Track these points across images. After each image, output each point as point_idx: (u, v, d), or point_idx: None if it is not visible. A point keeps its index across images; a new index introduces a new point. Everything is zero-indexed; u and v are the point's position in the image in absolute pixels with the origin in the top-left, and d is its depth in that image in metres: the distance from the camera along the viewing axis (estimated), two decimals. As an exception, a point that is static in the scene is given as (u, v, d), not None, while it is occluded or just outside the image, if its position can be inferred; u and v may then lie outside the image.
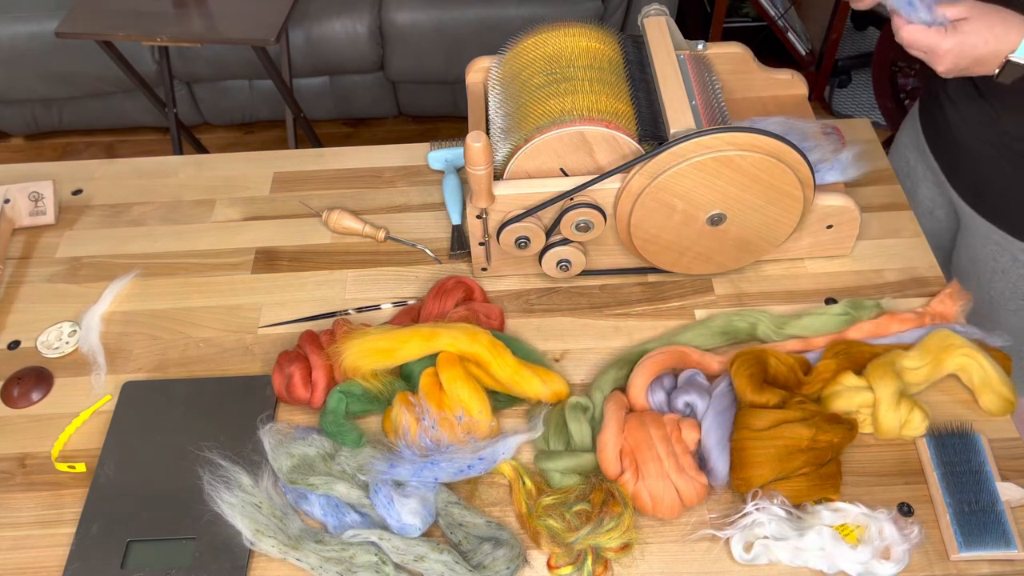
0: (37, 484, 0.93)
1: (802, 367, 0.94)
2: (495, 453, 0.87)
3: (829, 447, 0.84)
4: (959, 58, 0.89)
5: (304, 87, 2.65)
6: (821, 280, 1.08)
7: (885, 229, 1.13)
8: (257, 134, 2.89)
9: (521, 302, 1.08)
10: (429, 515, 0.85)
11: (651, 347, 0.98)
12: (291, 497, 0.88)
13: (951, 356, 0.92)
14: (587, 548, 0.82)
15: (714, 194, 0.95)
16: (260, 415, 0.95)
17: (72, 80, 2.57)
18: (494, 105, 1.09)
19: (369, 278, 1.12)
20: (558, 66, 1.03)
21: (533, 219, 1.00)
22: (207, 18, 1.96)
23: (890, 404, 0.88)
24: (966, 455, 0.87)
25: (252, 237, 1.19)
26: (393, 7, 2.48)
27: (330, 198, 1.23)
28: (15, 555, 0.87)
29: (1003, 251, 1.12)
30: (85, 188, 1.27)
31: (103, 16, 1.96)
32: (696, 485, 0.84)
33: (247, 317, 1.08)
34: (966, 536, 0.81)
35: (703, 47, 1.14)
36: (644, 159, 0.93)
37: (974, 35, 0.88)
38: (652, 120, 1.00)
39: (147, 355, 1.05)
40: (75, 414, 0.99)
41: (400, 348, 0.94)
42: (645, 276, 1.10)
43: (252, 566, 0.85)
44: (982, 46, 0.88)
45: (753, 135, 0.90)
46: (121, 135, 2.91)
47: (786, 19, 2.65)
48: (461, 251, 1.14)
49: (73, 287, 1.14)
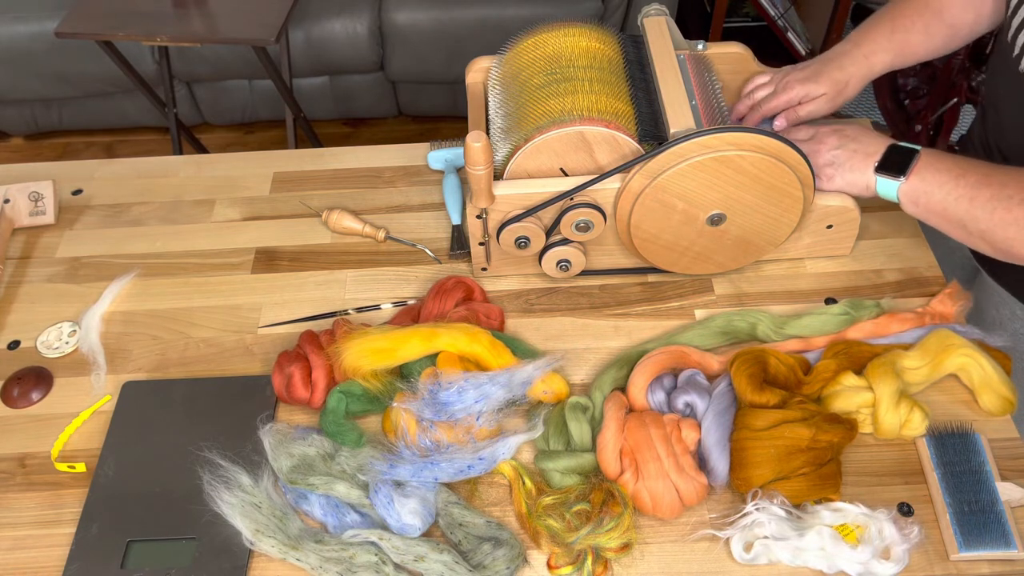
0: (37, 484, 0.93)
1: (802, 367, 0.94)
2: (495, 453, 0.87)
3: (829, 447, 0.84)
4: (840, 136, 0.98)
5: (304, 87, 2.65)
6: (821, 280, 1.08)
7: (885, 229, 1.13)
8: (257, 134, 2.89)
9: (521, 302, 1.08)
10: (429, 515, 0.85)
11: (651, 347, 0.98)
12: (291, 497, 0.88)
13: (951, 356, 0.92)
14: (587, 548, 0.82)
15: (714, 194, 0.95)
16: (260, 415, 0.95)
17: (72, 80, 2.57)
18: (494, 105, 1.09)
19: (369, 278, 1.12)
20: (558, 66, 1.03)
21: (533, 219, 1.00)
22: (207, 18, 1.96)
23: (890, 404, 0.88)
24: (966, 455, 0.87)
25: (252, 237, 1.19)
26: (393, 7, 2.48)
27: (330, 198, 1.23)
28: (15, 555, 0.87)
29: (1004, 303, 1.11)
30: (85, 188, 1.27)
31: (103, 16, 1.96)
32: (696, 485, 0.84)
33: (247, 317, 1.08)
34: (966, 536, 0.81)
35: (703, 47, 1.14)
36: (644, 159, 0.93)
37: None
38: (652, 120, 1.00)
39: (147, 355, 1.05)
40: (75, 414, 0.99)
41: (400, 348, 0.94)
42: (645, 276, 1.10)
43: (252, 566, 0.85)
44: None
45: (753, 135, 0.90)
46: (121, 135, 2.91)
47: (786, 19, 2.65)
48: (461, 251, 1.14)
49: (73, 287, 1.14)
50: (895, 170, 0.93)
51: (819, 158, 0.98)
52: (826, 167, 0.98)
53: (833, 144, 0.98)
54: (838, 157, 0.97)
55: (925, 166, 0.91)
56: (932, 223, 0.93)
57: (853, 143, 0.97)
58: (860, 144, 0.97)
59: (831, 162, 0.98)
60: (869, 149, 0.96)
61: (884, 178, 0.93)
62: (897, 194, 0.93)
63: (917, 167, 0.91)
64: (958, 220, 0.89)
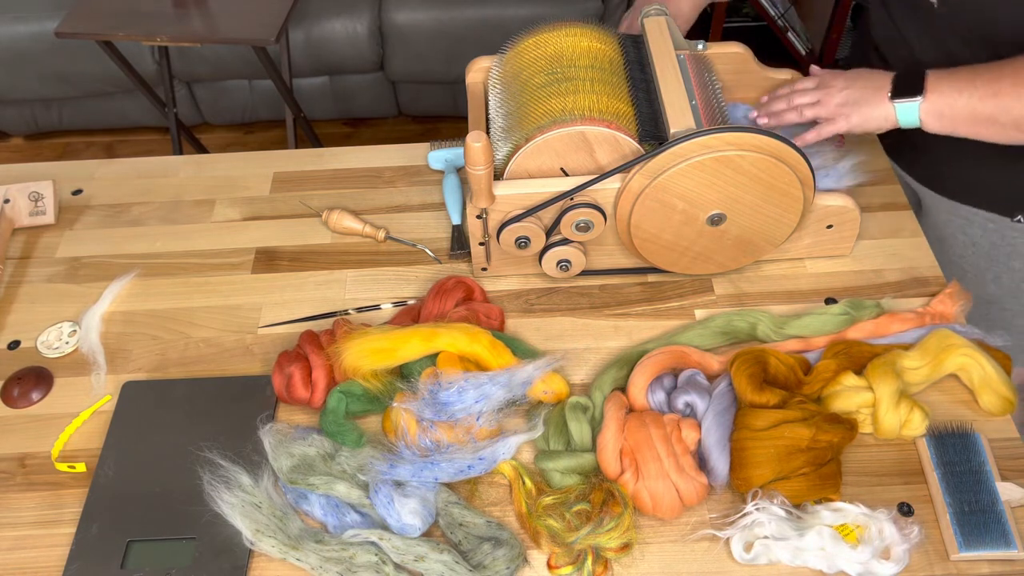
0: (37, 484, 0.93)
1: (802, 367, 0.94)
2: (495, 453, 0.87)
3: (829, 447, 0.84)
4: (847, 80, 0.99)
5: (304, 87, 2.65)
6: (821, 280, 1.08)
7: (885, 229, 1.13)
8: (257, 134, 2.89)
9: (521, 302, 1.08)
10: (429, 515, 0.85)
11: (651, 347, 0.98)
12: (291, 497, 0.88)
13: (951, 356, 0.92)
14: (587, 548, 0.82)
15: (714, 194, 0.95)
16: (260, 415, 0.95)
17: (72, 80, 2.57)
18: (494, 105, 1.09)
19: (369, 278, 1.12)
20: (558, 66, 1.03)
21: (533, 219, 1.00)
22: (207, 18, 1.96)
23: (890, 404, 0.88)
24: (966, 455, 0.87)
25: (252, 237, 1.19)
26: (393, 7, 2.48)
27: (330, 198, 1.23)
28: (15, 555, 0.87)
29: (971, 224, 1.14)
30: (85, 188, 1.27)
31: (103, 16, 1.96)
32: (696, 485, 0.84)
33: (247, 317, 1.08)
34: (966, 536, 0.81)
35: (703, 47, 1.14)
36: (644, 159, 0.93)
37: None
38: (652, 120, 1.00)
39: (147, 355, 1.05)
40: (75, 414, 0.99)
41: (400, 348, 0.94)
42: (645, 276, 1.10)
43: (252, 566, 0.85)
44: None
45: (753, 135, 0.90)
46: (121, 135, 2.91)
47: (786, 19, 2.65)
48: (461, 251, 1.14)
49: (73, 287, 1.14)
50: (910, 92, 0.94)
51: (831, 100, 1.00)
52: (841, 107, 0.99)
53: (841, 85, 1.00)
54: (850, 96, 0.99)
55: (936, 80, 0.93)
56: (961, 132, 0.94)
57: (860, 80, 0.99)
58: (867, 80, 0.99)
59: (844, 102, 0.99)
60: (877, 83, 0.97)
61: (903, 103, 0.95)
62: (919, 114, 0.95)
63: (929, 83, 0.93)
64: (988, 117, 0.91)
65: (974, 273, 1.20)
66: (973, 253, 1.18)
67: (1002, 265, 1.17)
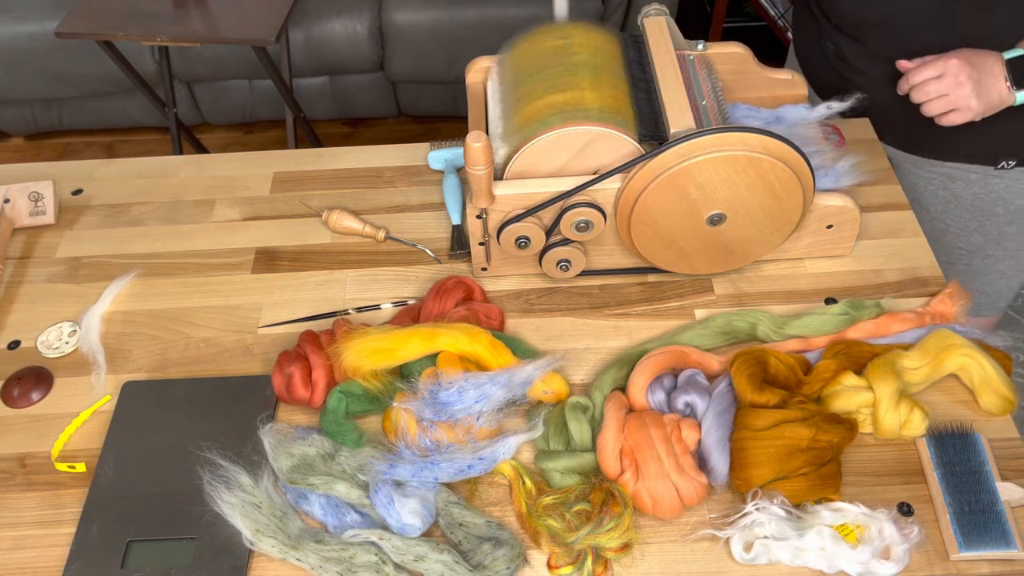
0: (37, 484, 0.93)
1: (802, 367, 0.94)
2: (495, 453, 0.87)
3: (829, 447, 0.84)
4: (964, 62, 1.01)
5: (304, 87, 2.65)
6: (821, 280, 1.08)
7: (885, 229, 1.13)
8: (257, 134, 2.89)
9: (521, 302, 1.08)
10: (429, 515, 0.85)
11: (651, 347, 0.98)
12: (291, 497, 0.88)
13: (951, 356, 0.92)
14: (587, 548, 0.82)
15: (727, 192, 0.95)
16: (260, 415, 0.95)
17: (72, 80, 2.57)
18: (494, 105, 1.09)
19: (369, 278, 1.12)
20: (558, 66, 1.03)
21: (533, 219, 1.00)
22: (207, 18, 1.96)
23: (890, 404, 0.88)
24: (966, 455, 0.87)
25: (252, 237, 1.19)
26: (393, 7, 2.48)
27: (330, 198, 1.23)
28: (15, 555, 0.87)
29: (952, 179, 1.18)
30: (85, 188, 1.27)
31: (103, 16, 1.96)
32: (696, 485, 0.84)
33: (247, 317, 1.08)
34: (966, 536, 0.81)
35: (703, 47, 1.14)
36: (644, 159, 0.93)
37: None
38: (652, 120, 1.00)
39: (147, 355, 1.05)
40: (75, 414, 0.99)
41: (400, 348, 0.94)
42: (645, 276, 1.10)
43: (252, 566, 0.85)
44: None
45: (754, 135, 0.90)
46: (121, 135, 2.91)
47: (786, 19, 2.65)
48: (461, 251, 1.14)
49: (73, 287, 1.14)
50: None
51: (961, 91, 1.02)
52: (967, 99, 1.02)
53: (968, 74, 1.02)
54: (975, 90, 1.01)
55: None
56: None
57: (978, 70, 1.02)
58: (983, 66, 1.01)
59: (971, 94, 1.02)
60: (994, 68, 1.02)
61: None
62: None
63: None
64: None
65: (957, 226, 1.24)
66: (956, 207, 1.23)
67: (985, 213, 1.21)
